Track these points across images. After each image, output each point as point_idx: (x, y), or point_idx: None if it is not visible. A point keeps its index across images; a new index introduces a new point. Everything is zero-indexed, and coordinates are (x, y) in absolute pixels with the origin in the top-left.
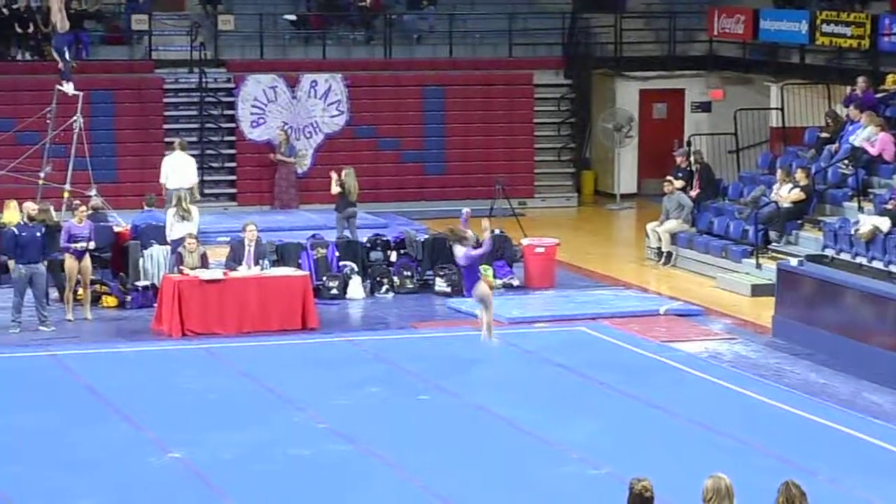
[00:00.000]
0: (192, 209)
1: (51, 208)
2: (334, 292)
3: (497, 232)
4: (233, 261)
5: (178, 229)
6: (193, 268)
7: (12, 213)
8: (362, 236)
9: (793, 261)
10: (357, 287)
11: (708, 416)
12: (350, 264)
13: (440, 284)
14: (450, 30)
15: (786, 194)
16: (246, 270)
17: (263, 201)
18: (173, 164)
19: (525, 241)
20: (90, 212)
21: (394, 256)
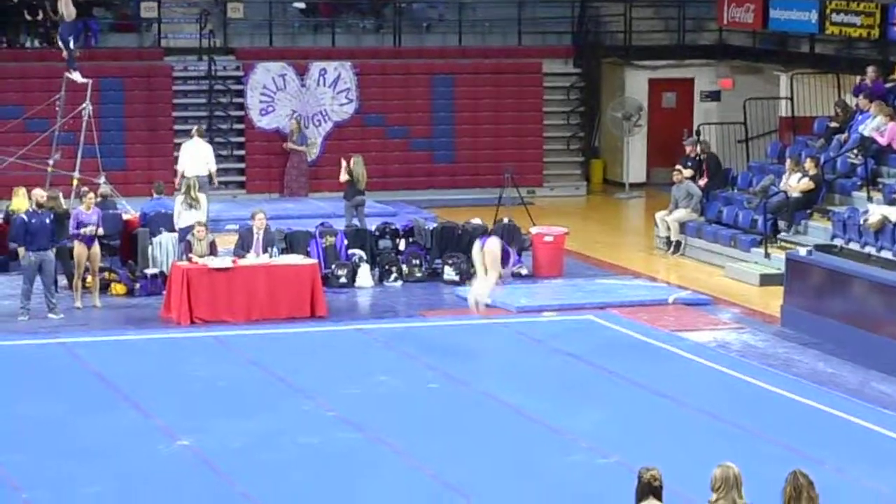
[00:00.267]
0: (200, 197)
1: (60, 195)
2: (343, 280)
3: (506, 221)
4: (241, 249)
5: (186, 217)
6: (202, 255)
7: (21, 201)
8: (371, 224)
9: (801, 250)
10: (365, 275)
11: (716, 406)
12: (359, 252)
13: (449, 273)
14: (459, 18)
15: (795, 184)
16: (254, 258)
17: (272, 189)
18: (191, 150)
19: (534, 230)
20: (98, 199)
21: (402, 245)
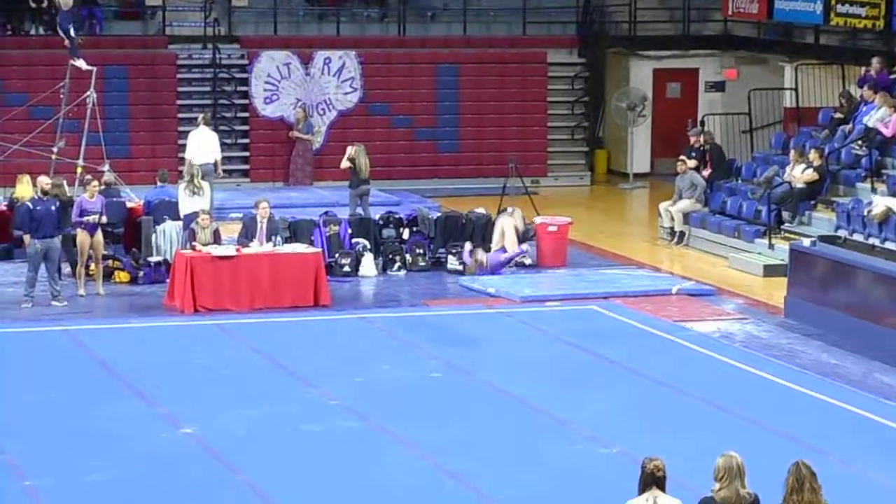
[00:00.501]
0: (203, 185)
1: (64, 183)
2: (347, 269)
3: (510, 210)
4: (245, 237)
5: (189, 204)
6: (206, 244)
7: (25, 188)
8: (375, 213)
9: (805, 241)
10: (369, 264)
11: (719, 396)
12: (363, 241)
13: (452, 262)
14: (464, 7)
15: (799, 175)
16: (258, 247)
17: (276, 178)
18: (198, 138)
19: (538, 220)
20: (102, 187)
21: (406, 234)
